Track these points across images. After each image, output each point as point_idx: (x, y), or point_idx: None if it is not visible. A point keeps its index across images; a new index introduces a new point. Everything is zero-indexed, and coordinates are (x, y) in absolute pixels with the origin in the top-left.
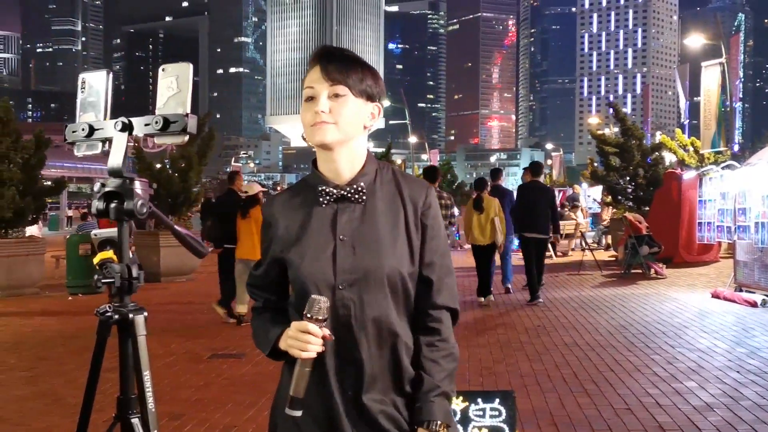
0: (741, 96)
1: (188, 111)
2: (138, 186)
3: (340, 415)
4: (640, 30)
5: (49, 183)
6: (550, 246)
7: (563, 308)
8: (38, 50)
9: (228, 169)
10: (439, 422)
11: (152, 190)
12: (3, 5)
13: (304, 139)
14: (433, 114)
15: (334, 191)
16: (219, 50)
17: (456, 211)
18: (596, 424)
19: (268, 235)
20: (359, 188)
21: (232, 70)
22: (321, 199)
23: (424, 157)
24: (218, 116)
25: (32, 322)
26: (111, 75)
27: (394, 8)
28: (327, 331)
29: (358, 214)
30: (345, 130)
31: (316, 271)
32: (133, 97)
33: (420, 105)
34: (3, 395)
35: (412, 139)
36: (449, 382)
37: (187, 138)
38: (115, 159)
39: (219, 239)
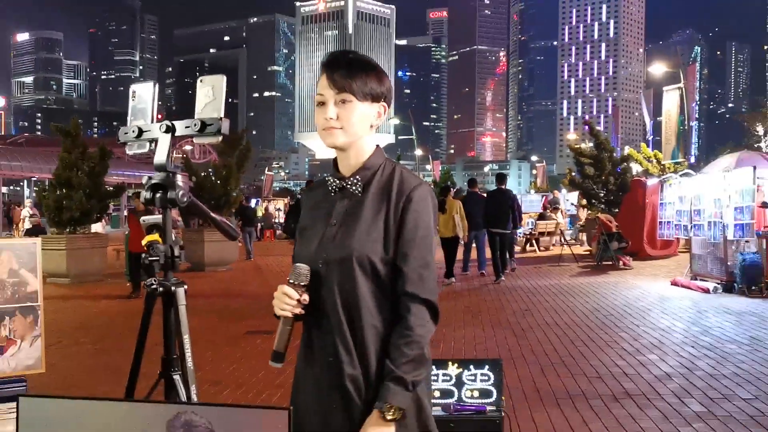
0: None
1: (222, 115)
2: (179, 179)
3: (322, 378)
4: (611, 60)
5: (110, 188)
6: (534, 241)
7: (545, 294)
8: (103, 77)
9: (263, 178)
10: (387, 405)
11: (192, 183)
12: (74, 40)
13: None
14: (436, 131)
15: (337, 182)
16: (255, 77)
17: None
18: (572, 390)
19: (299, 219)
20: (355, 181)
21: (266, 94)
22: (330, 189)
23: (428, 167)
24: (254, 133)
25: (97, 304)
26: (156, 86)
27: (403, 42)
28: (306, 296)
29: (350, 203)
30: (352, 133)
31: (305, 250)
32: (182, 118)
33: (425, 123)
34: (74, 365)
35: (418, 152)
36: (411, 368)
37: (220, 138)
38: (160, 156)
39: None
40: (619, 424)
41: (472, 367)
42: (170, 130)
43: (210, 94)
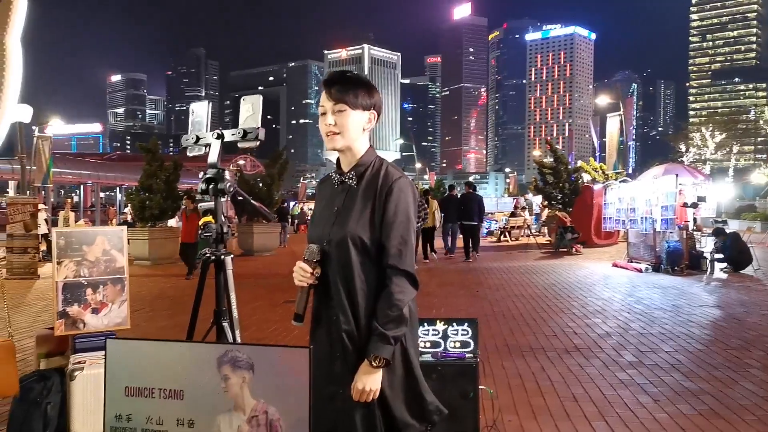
0: (634, 138)
1: (259, 125)
2: (227, 174)
3: (327, 333)
4: (567, 95)
5: (181, 192)
6: (507, 233)
7: (514, 273)
8: (176, 108)
9: (298, 185)
10: (373, 356)
11: (237, 177)
12: (155, 80)
13: None
14: (432, 149)
15: (338, 178)
16: (293, 108)
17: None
18: (533, 345)
19: (314, 207)
20: (351, 175)
21: (301, 121)
22: (334, 182)
23: (426, 177)
24: (292, 151)
25: (171, 280)
26: (210, 103)
27: (407, 81)
28: (318, 270)
29: (348, 193)
30: (348, 136)
31: (315, 232)
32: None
33: (423, 143)
34: (152, 325)
35: (418, 165)
36: (392, 326)
37: (258, 143)
38: (213, 156)
39: None
40: (569, 370)
41: (454, 324)
42: (220, 137)
43: (250, 109)
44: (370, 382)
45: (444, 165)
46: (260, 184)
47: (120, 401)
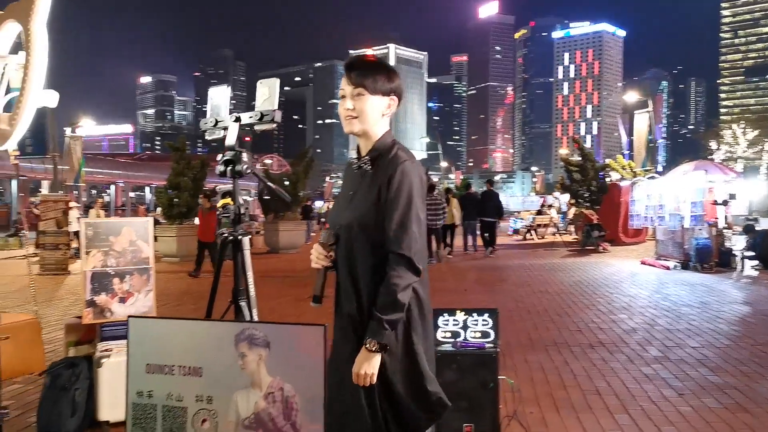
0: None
1: (275, 108)
2: (244, 156)
3: (341, 315)
4: (595, 92)
5: (208, 190)
6: (533, 231)
7: (540, 270)
8: (204, 109)
9: (324, 185)
10: (368, 340)
11: (255, 159)
12: (183, 81)
13: None
14: (458, 148)
15: (356, 162)
16: (319, 108)
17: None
18: (557, 340)
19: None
20: (366, 160)
21: (327, 121)
22: (353, 167)
23: (451, 176)
24: (318, 150)
25: (197, 277)
26: (229, 88)
27: (433, 80)
28: (332, 253)
29: (362, 178)
30: (365, 120)
31: (331, 216)
32: (263, 140)
33: (449, 143)
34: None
35: (444, 164)
36: (388, 311)
37: (275, 125)
38: (230, 139)
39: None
40: (593, 364)
41: (475, 314)
42: (238, 119)
43: (267, 93)
44: (365, 365)
45: (470, 164)
46: (286, 183)
47: (142, 378)
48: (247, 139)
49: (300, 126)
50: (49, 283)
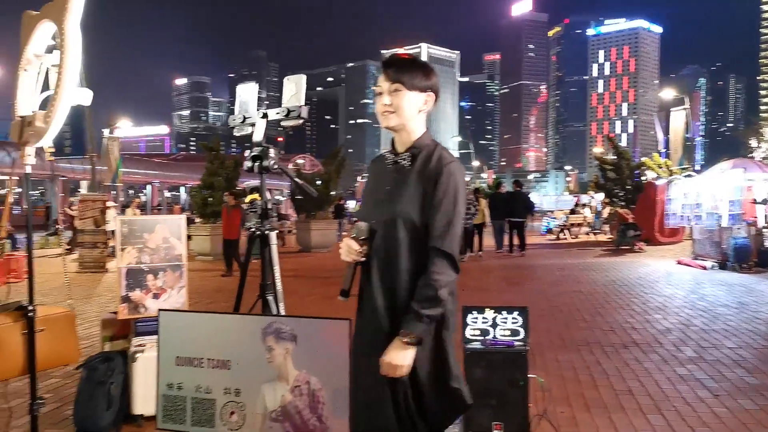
0: (702, 133)
1: (302, 104)
2: (272, 152)
3: (373, 309)
4: (631, 90)
5: (240, 189)
6: (566, 230)
7: (573, 269)
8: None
9: (356, 185)
10: (404, 332)
11: (281, 154)
12: (218, 83)
13: None
14: (490, 147)
15: (392, 158)
16: (351, 108)
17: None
18: (590, 339)
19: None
20: (406, 156)
21: (359, 121)
22: (387, 162)
23: (483, 175)
24: (350, 150)
25: (231, 275)
26: (257, 85)
27: (465, 79)
28: (365, 248)
29: (401, 174)
30: (402, 116)
31: (364, 211)
32: (296, 140)
33: (481, 142)
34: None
35: (475, 163)
36: (426, 306)
37: (302, 121)
38: (258, 135)
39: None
40: (626, 364)
41: (504, 312)
42: (265, 116)
43: (293, 89)
44: (398, 357)
45: (503, 163)
46: (318, 183)
47: (172, 370)
48: (280, 139)
49: (332, 126)
50: (87, 281)
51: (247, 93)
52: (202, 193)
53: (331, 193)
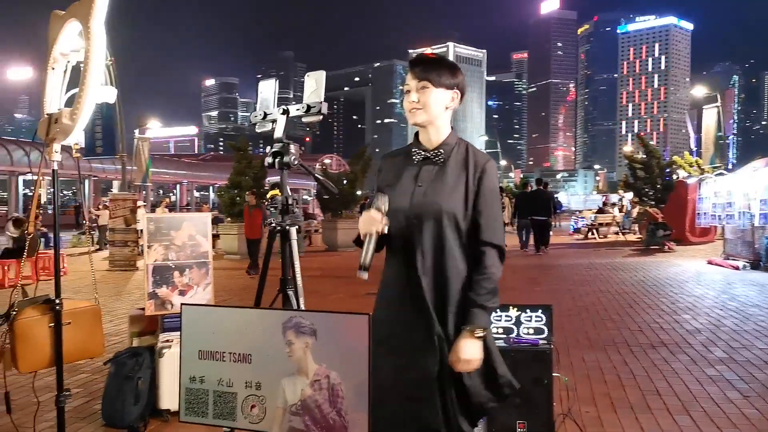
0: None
1: (322, 100)
2: (292, 148)
3: (414, 299)
4: (662, 88)
5: (267, 188)
6: (594, 230)
7: (601, 269)
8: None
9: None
10: (474, 326)
11: (302, 151)
12: (246, 83)
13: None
14: (518, 147)
15: (422, 153)
16: (378, 108)
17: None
18: (616, 339)
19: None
20: (439, 153)
21: (386, 120)
22: (413, 158)
23: (511, 174)
24: (377, 150)
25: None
26: (277, 81)
27: (492, 78)
28: (386, 219)
29: (434, 170)
30: (430, 112)
31: (398, 203)
32: (323, 140)
33: (509, 141)
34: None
35: (503, 162)
36: (489, 298)
37: (321, 117)
38: (279, 131)
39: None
40: (653, 364)
41: (528, 310)
42: (286, 112)
43: (314, 85)
44: (471, 351)
45: (531, 163)
46: (344, 182)
47: (194, 364)
48: (307, 139)
49: (359, 126)
50: (117, 279)
51: (268, 89)
52: (230, 192)
53: (357, 192)
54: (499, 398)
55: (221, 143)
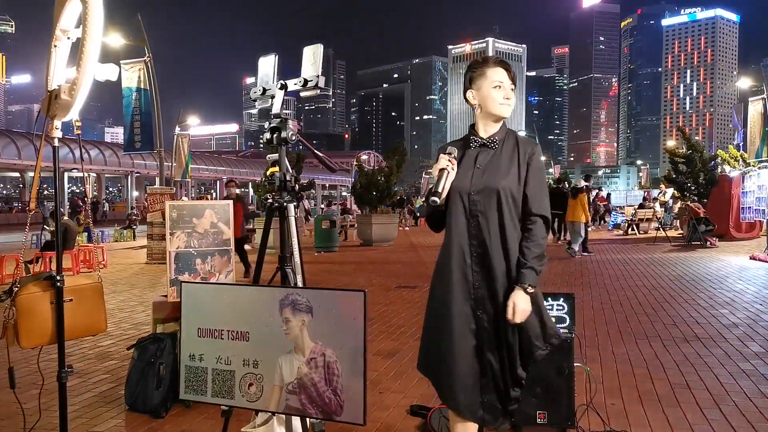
0: None
1: (319, 74)
2: (290, 123)
3: (468, 262)
4: (708, 82)
5: (304, 183)
6: (635, 226)
7: (638, 264)
8: (306, 108)
9: (422, 182)
10: (525, 284)
11: (301, 127)
12: None
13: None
14: (559, 143)
15: (480, 140)
16: (417, 105)
17: None
18: (649, 332)
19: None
20: (495, 140)
21: (425, 117)
22: (472, 144)
23: (550, 170)
24: (416, 147)
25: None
26: (277, 57)
27: (533, 73)
28: (454, 160)
29: (490, 154)
30: (510, 108)
31: (460, 183)
32: (362, 137)
33: (549, 137)
34: None
35: (542, 159)
36: (537, 261)
37: (318, 91)
38: (276, 106)
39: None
40: (685, 358)
41: (549, 299)
42: (284, 87)
43: (311, 58)
44: (525, 303)
45: (572, 159)
46: (380, 178)
47: (193, 342)
48: (346, 136)
49: (398, 123)
50: (155, 270)
51: (267, 65)
52: (266, 187)
53: (394, 188)
54: (547, 346)
55: (261, 140)
